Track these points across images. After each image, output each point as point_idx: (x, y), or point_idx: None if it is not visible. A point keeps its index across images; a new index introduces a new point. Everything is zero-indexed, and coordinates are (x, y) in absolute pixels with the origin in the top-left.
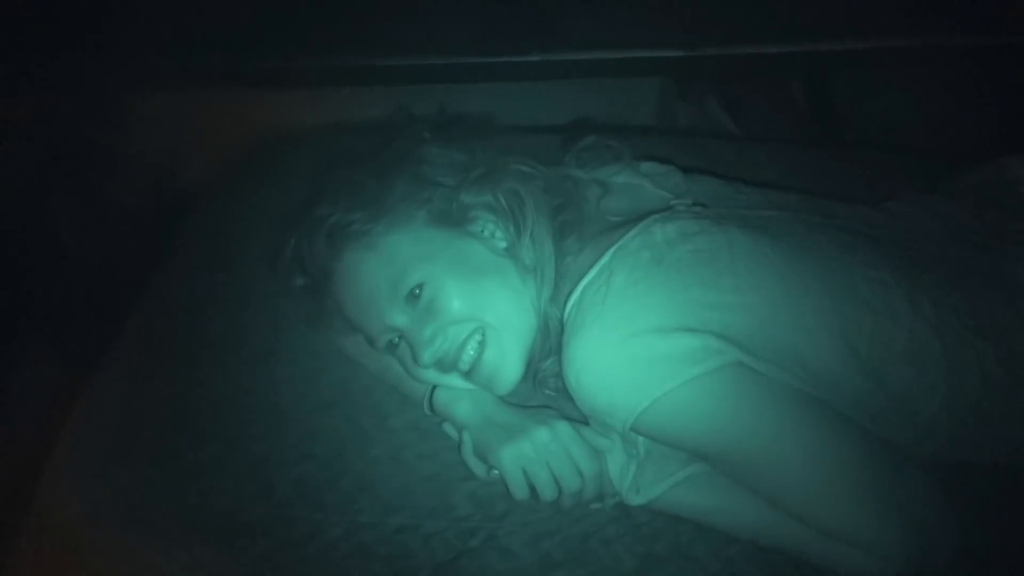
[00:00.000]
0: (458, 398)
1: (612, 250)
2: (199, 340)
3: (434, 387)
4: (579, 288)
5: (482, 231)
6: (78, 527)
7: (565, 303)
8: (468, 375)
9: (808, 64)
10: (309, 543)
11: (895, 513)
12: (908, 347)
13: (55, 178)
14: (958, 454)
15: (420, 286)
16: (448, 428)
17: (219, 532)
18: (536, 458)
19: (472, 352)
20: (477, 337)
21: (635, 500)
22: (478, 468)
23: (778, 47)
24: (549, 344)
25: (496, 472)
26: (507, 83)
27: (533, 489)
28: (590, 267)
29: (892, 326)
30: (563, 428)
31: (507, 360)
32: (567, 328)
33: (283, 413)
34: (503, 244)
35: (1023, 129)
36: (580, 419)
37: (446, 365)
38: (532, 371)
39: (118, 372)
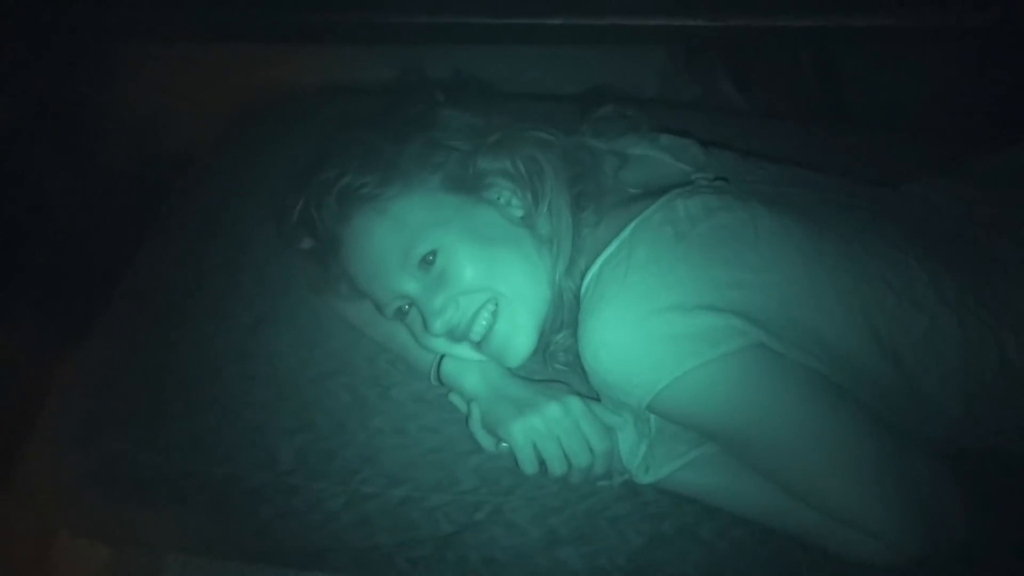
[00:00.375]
0: (467, 369)
1: (633, 224)
2: (195, 304)
3: (442, 357)
4: (598, 262)
5: (498, 198)
6: (68, 494)
7: (582, 277)
8: (479, 346)
9: (818, 39)
10: (311, 513)
11: (905, 501)
12: (929, 331)
13: (42, 137)
14: (972, 440)
15: (432, 253)
16: (455, 399)
17: (218, 501)
18: (547, 433)
19: (484, 323)
20: (490, 307)
21: (644, 478)
22: (486, 441)
23: (796, 20)
24: (562, 317)
25: (505, 445)
26: (513, 49)
27: (542, 464)
28: (609, 241)
29: (914, 309)
30: (575, 403)
31: (519, 332)
32: (584, 303)
33: (283, 381)
34: (519, 213)
35: None
36: (590, 394)
37: (457, 335)
38: (543, 344)
39: (110, 337)
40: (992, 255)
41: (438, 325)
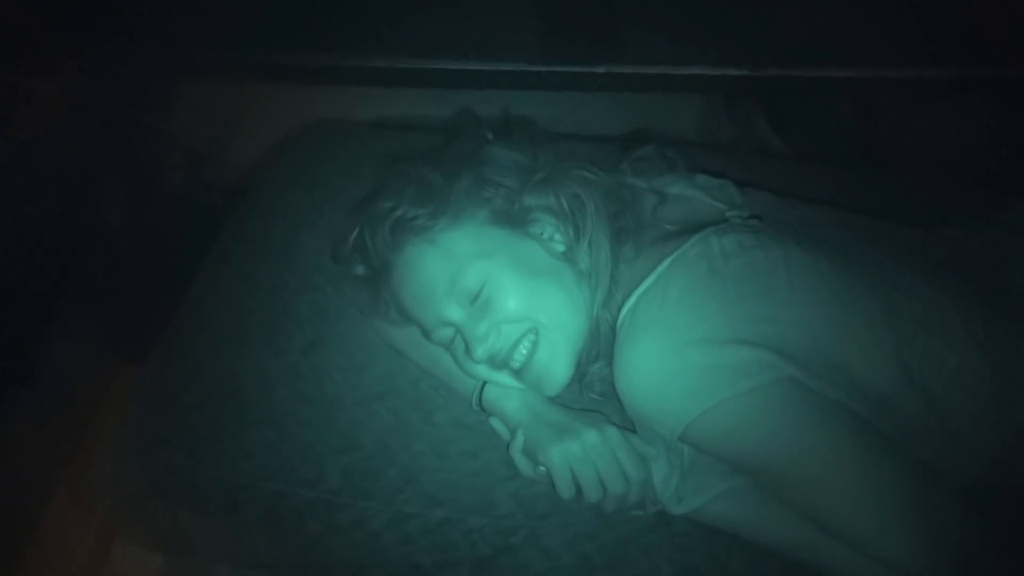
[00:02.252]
0: (508, 395)
1: (670, 259)
2: (252, 327)
3: (484, 383)
4: (635, 296)
5: (541, 233)
6: (130, 501)
7: (619, 310)
8: (518, 374)
9: (855, 89)
10: (355, 530)
11: (932, 539)
12: (959, 369)
13: (109, 166)
14: (1002, 479)
15: (479, 283)
16: (496, 423)
17: (267, 514)
18: (584, 458)
19: (524, 351)
20: (531, 337)
21: (677, 509)
22: (524, 466)
23: (834, 71)
24: (598, 348)
25: (543, 469)
26: (553, 94)
27: (578, 489)
28: (646, 275)
29: (944, 347)
30: (612, 432)
31: (558, 362)
32: (620, 334)
33: (332, 402)
34: (561, 248)
35: None
36: (626, 425)
37: (498, 362)
38: (579, 374)
39: (172, 355)
40: (1017, 295)
41: (480, 352)
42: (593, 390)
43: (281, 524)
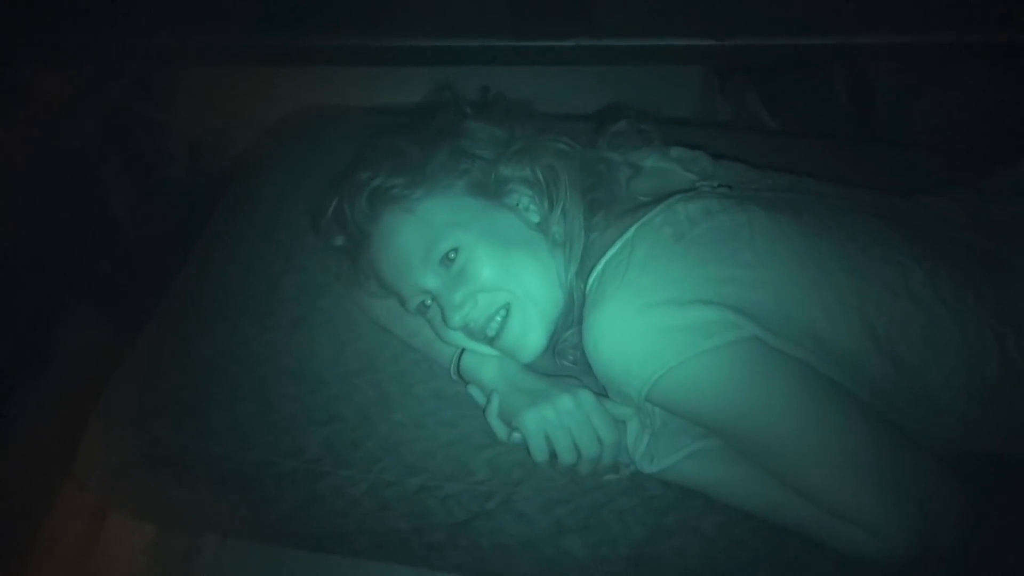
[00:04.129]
0: (485, 363)
1: (636, 226)
2: (238, 305)
3: (461, 351)
4: (602, 262)
5: (517, 204)
6: (118, 472)
7: (588, 276)
8: (493, 342)
9: (848, 59)
10: (334, 498)
11: (901, 497)
12: (926, 328)
13: (103, 148)
14: (972, 442)
15: (454, 251)
16: (473, 391)
17: (250, 483)
18: (558, 423)
19: (499, 319)
20: (504, 305)
21: (648, 468)
22: (500, 430)
23: (817, 39)
24: (571, 316)
25: (518, 435)
26: (549, 68)
27: (552, 454)
28: (614, 242)
29: (910, 307)
30: (586, 397)
31: (531, 330)
32: (588, 299)
33: (314, 376)
34: (536, 218)
35: None
36: (600, 391)
37: (474, 331)
38: (554, 342)
39: (161, 332)
40: (997, 260)
41: (457, 319)
42: (566, 357)
43: (264, 493)
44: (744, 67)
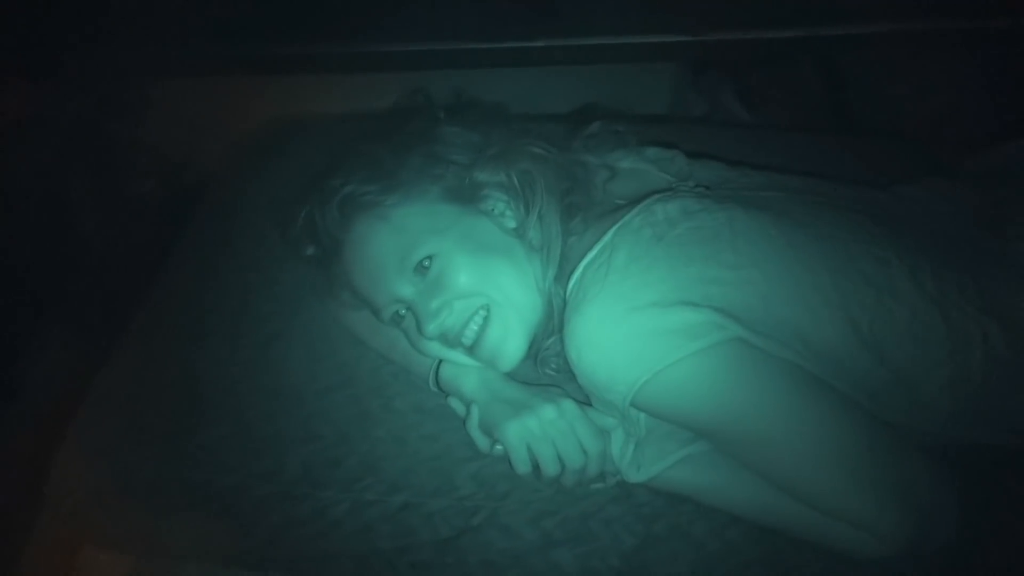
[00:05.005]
0: (464, 373)
1: (614, 228)
2: (210, 323)
3: (439, 362)
4: (581, 266)
5: (492, 209)
6: (90, 502)
7: (568, 281)
8: (471, 351)
9: (819, 50)
10: (315, 520)
11: (892, 494)
12: (910, 324)
13: (70, 166)
14: (958, 433)
15: (429, 258)
16: (453, 403)
17: (227, 510)
18: (541, 434)
19: (475, 327)
20: (481, 313)
21: (635, 477)
22: (482, 442)
23: (786, 32)
24: (552, 323)
25: (500, 447)
26: (524, 70)
27: (536, 465)
28: (592, 246)
29: (894, 302)
30: (569, 406)
31: (510, 337)
32: (568, 304)
33: (290, 394)
34: (512, 223)
35: None
36: (583, 399)
37: (450, 340)
38: (534, 350)
39: (131, 355)
40: (979, 249)
41: (432, 328)
42: (549, 365)
43: (242, 518)
44: (718, 61)
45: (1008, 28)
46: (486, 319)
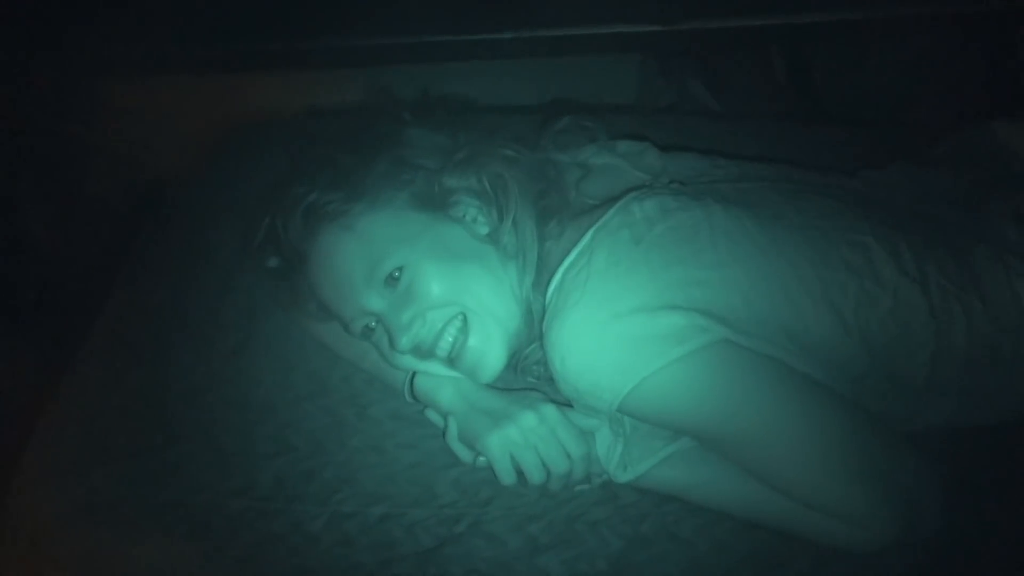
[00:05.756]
0: (440, 385)
1: (592, 231)
2: (173, 333)
3: (414, 374)
4: (560, 271)
5: (464, 215)
6: (51, 528)
7: (547, 288)
8: (451, 362)
9: (786, 37)
10: (291, 536)
11: (881, 487)
12: (894, 307)
13: (22, 169)
14: (944, 418)
15: (399, 269)
16: (431, 414)
17: (198, 529)
18: (523, 443)
19: (450, 338)
20: (457, 323)
21: (622, 477)
22: (464, 454)
23: (754, 20)
24: (532, 332)
25: (483, 459)
26: (487, 63)
27: (521, 474)
28: (570, 250)
29: (876, 287)
30: (549, 411)
31: (491, 347)
32: (548, 312)
33: (261, 405)
34: (485, 230)
35: (999, 98)
36: (563, 401)
37: (424, 351)
38: (514, 359)
39: (90, 368)
40: (956, 228)
41: (404, 342)
42: (530, 373)
43: (213, 538)
44: (685, 50)
45: (973, 14)
46: (463, 330)
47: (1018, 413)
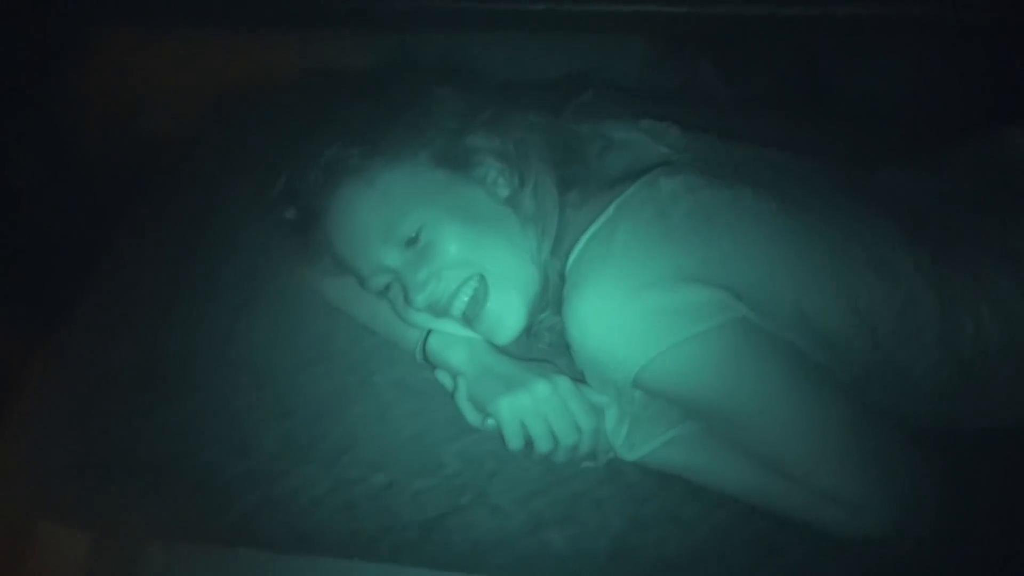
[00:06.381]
0: (453, 345)
1: (616, 203)
2: (175, 291)
3: (428, 333)
4: (581, 241)
5: (484, 177)
6: (48, 482)
7: (566, 257)
8: (469, 323)
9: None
10: (295, 498)
11: (882, 477)
12: (906, 305)
13: (18, 124)
14: (947, 418)
15: (418, 227)
16: (441, 375)
17: (199, 487)
18: (535, 410)
19: (465, 298)
20: (472, 284)
21: (629, 455)
22: (472, 416)
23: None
24: (547, 298)
25: (492, 421)
26: (494, 37)
27: (527, 442)
28: (593, 220)
29: (891, 284)
30: (563, 383)
31: (510, 311)
32: (568, 281)
33: (263, 368)
34: (505, 192)
35: (1011, 103)
36: (576, 375)
37: (438, 309)
38: (528, 324)
39: (90, 324)
40: (963, 232)
41: (420, 299)
42: (542, 340)
43: (215, 496)
44: (695, 35)
45: (988, 21)
46: (481, 291)
47: (1020, 419)
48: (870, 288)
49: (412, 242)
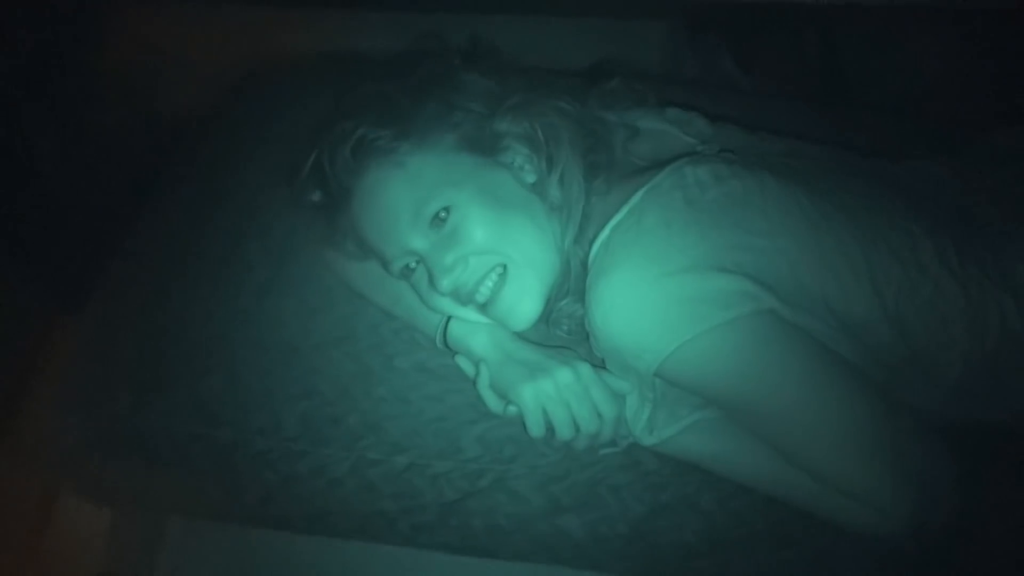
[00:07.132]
0: (475, 331)
1: (643, 191)
2: (199, 269)
3: (448, 319)
4: (607, 228)
5: (512, 162)
6: (71, 456)
7: (591, 244)
8: (484, 308)
9: (817, 18)
10: (315, 478)
11: (898, 472)
12: (932, 297)
13: (39, 100)
14: (969, 411)
15: (445, 211)
16: (462, 361)
17: (222, 465)
18: (557, 397)
19: (490, 284)
20: (498, 270)
21: (648, 440)
22: (493, 402)
23: None
24: (568, 285)
25: (513, 408)
26: (513, 23)
27: (549, 429)
28: (618, 208)
29: (919, 276)
30: (585, 370)
31: (527, 297)
32: (593, 269)
33: (287, 347)
34: (532, 178)
35: None
36: (596, 362)
37: (463, 296)
38: (547, 311)
39: (114, 299)
40: (990, 226)
41: (446, 284)
42: (561, 328)
43: (237, 474)
44: (715, 23)
45: (1007, 10)
46: (502, 277)
47: None
48: (898, 281)
49: (439, 223)
